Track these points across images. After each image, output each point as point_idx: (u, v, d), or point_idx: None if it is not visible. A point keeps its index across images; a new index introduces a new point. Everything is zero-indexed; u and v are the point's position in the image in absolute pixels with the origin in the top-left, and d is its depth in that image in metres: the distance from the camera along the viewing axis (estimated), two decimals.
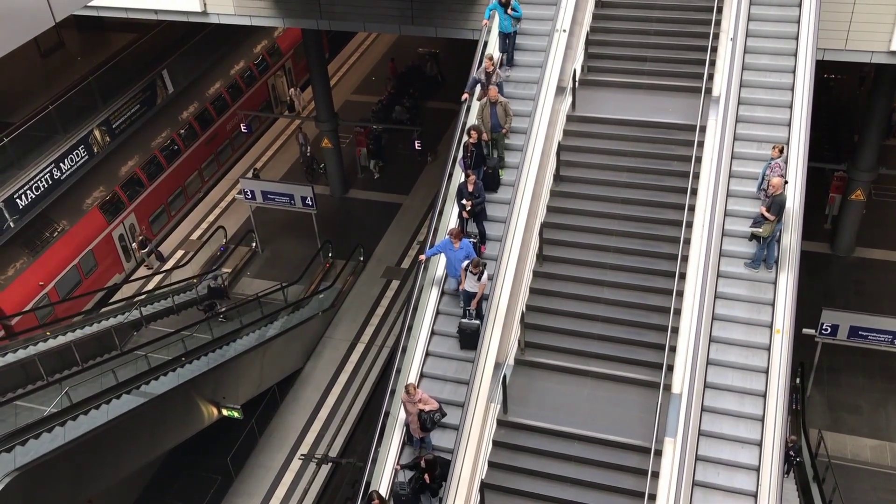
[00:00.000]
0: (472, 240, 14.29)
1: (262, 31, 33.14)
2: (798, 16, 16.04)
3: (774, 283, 13.44)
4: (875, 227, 25.24)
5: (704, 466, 12.09)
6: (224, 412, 20.43)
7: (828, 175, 25.26)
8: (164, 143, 28.35)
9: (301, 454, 21.20)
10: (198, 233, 28.81)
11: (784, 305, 13.07)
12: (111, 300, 25.00)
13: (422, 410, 12.35)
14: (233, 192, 29.70)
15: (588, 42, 16.75)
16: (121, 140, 26.52)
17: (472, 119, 15.50)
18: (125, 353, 20.16)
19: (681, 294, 13.15)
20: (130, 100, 26.83)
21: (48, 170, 23.59)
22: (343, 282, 26.01)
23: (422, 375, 13.69)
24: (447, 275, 14.32)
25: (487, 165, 15.02)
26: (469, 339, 13.55)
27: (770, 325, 13.06)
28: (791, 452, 15.62)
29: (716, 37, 16.15)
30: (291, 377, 23.24)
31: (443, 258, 14.26)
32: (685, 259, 13.55)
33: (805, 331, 19.16)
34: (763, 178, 13.99)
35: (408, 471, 12.45)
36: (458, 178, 14.96)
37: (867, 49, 17.75)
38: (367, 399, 22.45)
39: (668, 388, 12.33)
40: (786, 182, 13.49)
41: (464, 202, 14.31)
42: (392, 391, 13.66)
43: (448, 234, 13.78)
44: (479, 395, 12.65)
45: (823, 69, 28.48)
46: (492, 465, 12.77)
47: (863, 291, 23.36)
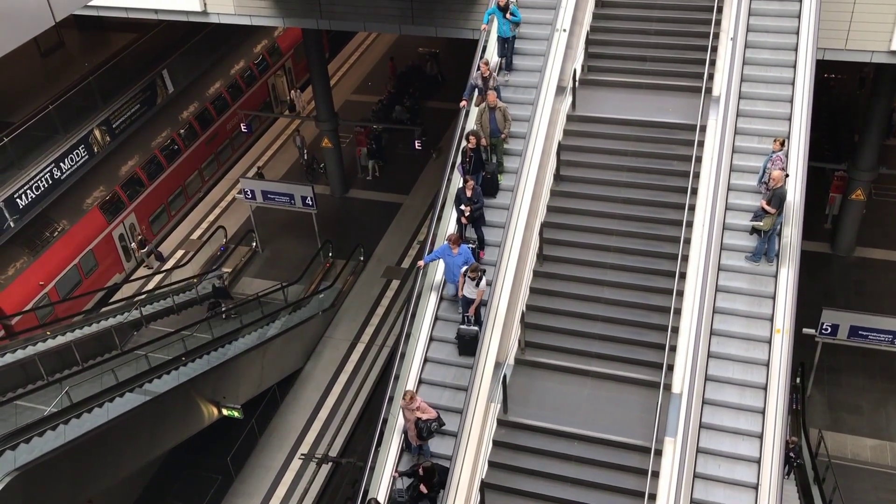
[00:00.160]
0: (471, 245, 14.17)
1: (263, 31, 33.12)
2: (798, 10, 16.03)
3: (775, 277, 13.47)
4: (875, 227, 25.25)
5: (705, 459, 12.13)
6: (224, 412, 20.44)
7: (828, 175, 25.27)
8: (165, 143, 28.36)
9: (301, 454, 21.20)
10: (198, 232, 28.82)
11: (784, 299, 13.10)
12: (111, 300, 25.02)
13: (419, 419, 12.27)
14: (233, 192, 29.71)
15: (588, 42, 16.73)
16: (121, 140, 26.53)
17: (471, 124, 15.42)
18: (125, 353, 20.16)
19: (681, 294, 13.16)
20: (130, 99, 26.84)
21: (48, 169, 23.59)
22: (343, 282, 26.02)
23: (420, 382, 13.59)
24: (446, 280, 14.23)
25: (486, 171, 14.90)
26: (467, 346, 13.48)
27: (771, 319, 13.08)
28: (791, 454, 15.59)
29: (716, 36, 16.16)
30: (291, 377, 23.24)
31: (441, 264, 14.16)
32: (685, 259, 13.57)
33: (805, 330, 19.17)
34: (764, 172, 13.99)
35: (406, 478, 12.39)
36: (457, 184, 14.80)
37: (867, 49, 17.75)
38: (368, 399, 22.46)
39: (669, 388, 12.35)
40: (786, 175, 13.49)
41: (462, 208, 14.17)
42: (390, 397, 13.60)
43: (447, 240, 13.66)
44: (480, 395, 12.63)
45: (823, 69, 28.45)
46: (492, 465, 12.76)
47: (863, 291, 23.37)
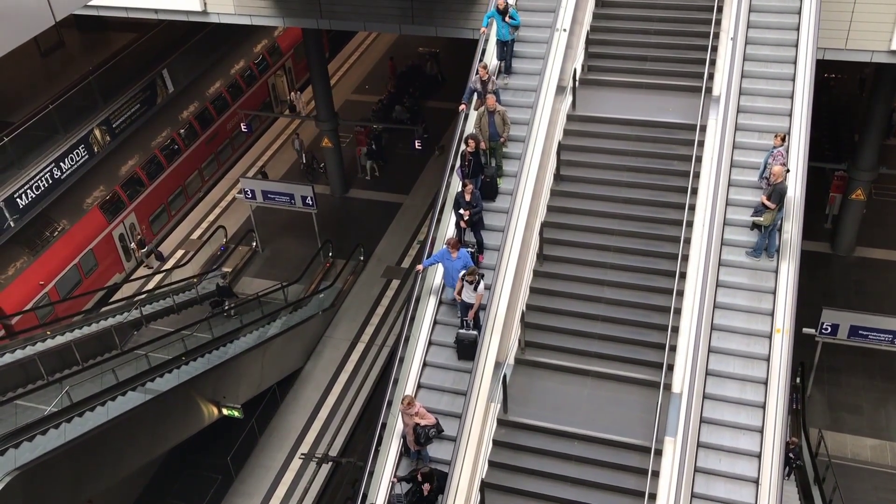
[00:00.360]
0: (470, 249, 14.10)
1: (263, 31, 33.12)
2: (799, 7, 16.02)
3: (775, 272, 13.49)
4: (875, 227, 25.24)
5: (706, 453, 12.15)
6: (224, 411, 20.44)
7: (828, 175, 25.26)
8: (165, 143, 28.35)
9: (301, 454, 21.20)
10: (198, 232, 28.82)
11: (785, 294, 13.11)
12: (111, 300, 25.02)
13: (417, 424, 12.25)
14: (233, 192, 29.71)
15: (588, 41, 16.72)
16: (121, 139, 26.52)
17: (470, 128, 15.39)
18: (125, 353, 20.16)
19: (681, 293, 13.16)
20: (131, 99, 26.83)
21: (48, 169, 23.58)
22: (343, 281, 26.02)
23: (419, 386, 13.55)
24: (444, 284, 14.18)
25: (485, 174, 14.85)
26: (466, 350, 13.44)
27: (771, 314, 13.09)
28: (791, 454, 15.59)
29: (716, 36, 16.15)
30: (292, 377, 23.24)
31: (441, 267, 14.10)
32: (685, 258, 13.56)
33: (805, 330, 19.16)
34: (765, 167, 13.99)
35: (404, 483, 12.35)
36: (456, 187, 14.73)
37: (867, 49, 17.75)
38: (368, 398, 22.45)
39: (669, 388, 12.35)
40: (787, 170, 13.50)
41: (461, 212, 14.09)
42: (389, 402, 13.57)
43: (445, 244, 13.61)
44: (480, 395, 12.63)
45: (824, 69, 28.45)
46: (492, 465, 12.76)
47: (863, 291, 23.37)
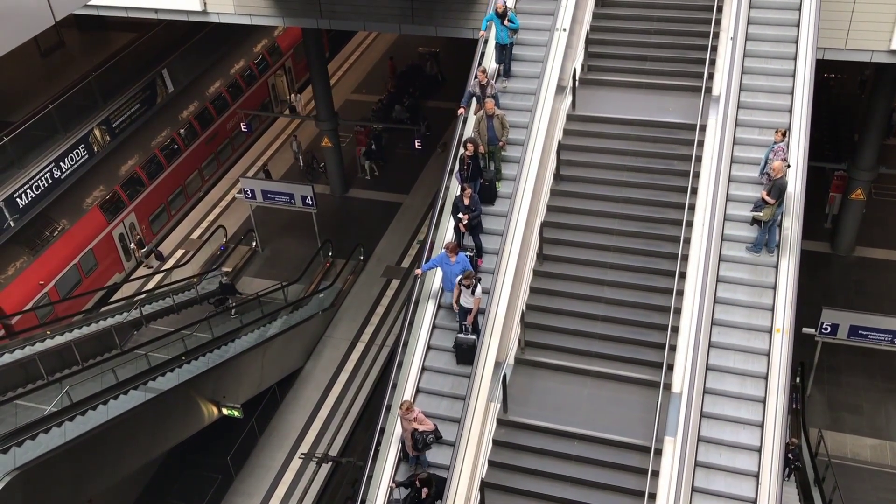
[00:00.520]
0: (469, 254, 14.05)
1: (262, 31, 33.12)
2: (799, 3, 16.02)
3: (776, 267, 13.50)
4: (875, 227, 25.25)
5: (707, 447, 12.17)
6: (224, 411, 20.45)
7: (828, 174, 25.26)
8: (165, 143, 28.35)
9: (301, 453, 21.20)
10: (198, 232, 28.82)
11: (785, 290, 13.12)
12: (111, 299, 25.01)
13: (416, 429, 12.23)
14: (233, 192, 29.71)
15: (588, 41, 16.71)
16: (121, 139, 26.52)
17: (469, 131, 15.36)
18: (125, 353, 20.15)
19: (681, 293, 13.16)
20: (130, 99, 26.83)
21: (48, 169, 23.58)
22: (343, 281, 26.01)
23: (418, 391, 13.53)
24: (443, 289, 14.15)
25: (484, 178, 14.82)
26: (465, 355, 13.42)
27: (771, 309, 13.10)
28: (790, 455, 15.58)
29: (716, 36, 16.15)
30: (291, 376, 23.25)
31: (439, 272, 14.08)
32: (685, 258, 13.56)
33: (805, 330, 19.17)
34: (766, 163, 13.99)
35: (403, 489, 12.34)
36: (455, 191, 14.66)
37: (867, 48, 17.75)
38: (368, 398, 22.46)
39: (669, 388, 12.35)
40: (787, 166, 13.50)
41: (460, 216, 14.02)
42: (388, 406, 13.54)
43: (444, 248, 13.57)
44: (480, 395, 12.63)
45: (824, 69, 28.45)
46: (492, 464, 12.76)
47: (863, 291, 23.38)
